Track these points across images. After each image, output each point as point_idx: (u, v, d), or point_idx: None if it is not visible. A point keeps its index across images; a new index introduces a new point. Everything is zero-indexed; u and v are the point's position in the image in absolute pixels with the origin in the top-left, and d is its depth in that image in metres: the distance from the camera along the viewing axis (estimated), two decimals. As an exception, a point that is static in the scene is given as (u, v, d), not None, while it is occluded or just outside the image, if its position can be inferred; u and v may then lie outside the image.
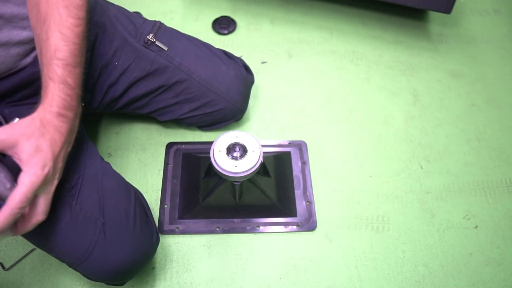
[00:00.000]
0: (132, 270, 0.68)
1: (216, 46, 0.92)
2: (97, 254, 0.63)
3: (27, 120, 0.51)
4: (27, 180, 0.48)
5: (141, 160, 0.93)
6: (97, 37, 0.76)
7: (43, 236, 0.62)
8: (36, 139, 0.50)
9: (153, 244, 0.72)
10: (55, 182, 0.54)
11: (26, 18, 0.61)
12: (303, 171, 0.92)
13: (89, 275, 0.66)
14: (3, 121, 0.63)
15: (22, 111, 0.66)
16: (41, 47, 0.56)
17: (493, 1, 1.31)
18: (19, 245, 0.82)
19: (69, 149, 0.57)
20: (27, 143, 0.49)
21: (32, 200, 0.50)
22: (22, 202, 0.47)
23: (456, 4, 1.05)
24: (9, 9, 0.58)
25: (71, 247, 0.62)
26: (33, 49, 0.65)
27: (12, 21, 0.59)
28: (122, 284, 0.72)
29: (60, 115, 0.54)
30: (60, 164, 0.54)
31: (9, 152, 0.49)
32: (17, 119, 0.65)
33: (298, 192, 0.89)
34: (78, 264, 0.64)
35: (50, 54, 0.54)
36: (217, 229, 0.84)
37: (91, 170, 0.67)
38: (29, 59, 0.65)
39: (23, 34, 0.62)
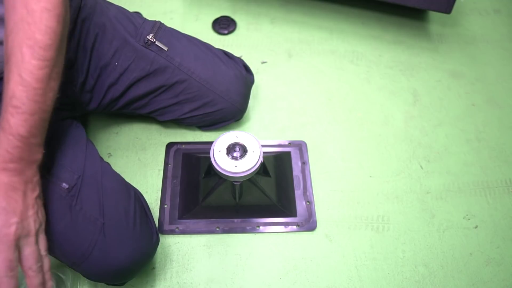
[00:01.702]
0: (132, 270, 0.68)
1: (216, 46, 0.92)
2: (97, 254, 0.63)
3: None
4: None
5: (141, 160, 0.93)
6: (97, 37, 0.76)
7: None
8: None
9: (153, 244, 0.72)
10: (33, 228, 0.52)
11: None
12: (303, 171, 0.92)
13: (89, 275, 0.66)
14: None
15: None
16: (3, 89, 0.51)
17: (493, 1, 1.31)
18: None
19: (37, 191, 0.54)
20: None
21: (18, 257, 0.49)
22: (7, 268, 0.47)
23: (456, 4, 1.05)
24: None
25: (71, 247, 0.62)
26: None
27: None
28: (122, 284, 0.72)
29: (5, 169, 0.50)
30: (31, 212, 0.52)
31: None
32: None
33: (298, 192, 0.89)
34: (78, 264, 0.64)
35: (6, 101, 0.50)
36: (217, 229, 0.84)
37: (91, 170, 0.67)
38: None
39: None
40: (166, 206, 0.86)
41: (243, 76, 0.90)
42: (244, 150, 0.71)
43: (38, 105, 0.51)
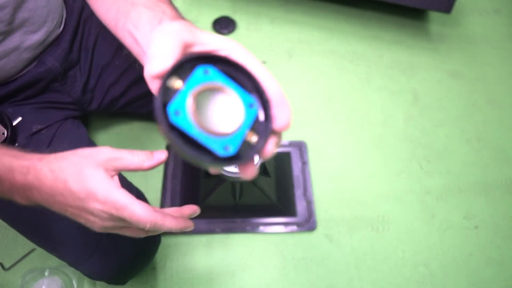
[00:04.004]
0: (133, 270, 0.68)
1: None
2: (98, 254, 0.63)
3: None
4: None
5: (141, 160, 0.93)
6: (98, 37, 0.76)
7: (45, 235, 0.62)
8: None
9: (154, 244, 0.72)
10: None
11: (37, 21, 0.61)
12: (303, 171, 0.92)
13: (90, 275, 0.67)
14: (7, 120, 0.63)
15: (25, 110, 0.67)
16: None
17: (493, 1, 1.31)
18: (19, 245, 0.82)
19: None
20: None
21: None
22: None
23: (456, 4, 1.05)
24: (21, 14, 0.58)
25: (73, 247, 0.63)
26: (42, 52, 0.65)
27: (24, 25, 0.59)
28: (123, 283, 0.72)
29: None
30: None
31: None
32: (20, 118, 0.65)
33: (298, 192, 0.89)
34: (80, 263, 0.64)
35: None
36: (217, 229, 0.84)
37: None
38: (36, 62, 0.65)
39: (34, 38, 0.62)
40: (166, 206, 0.86)
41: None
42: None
43: None
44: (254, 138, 0.32)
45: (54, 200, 0.44)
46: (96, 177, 0.42)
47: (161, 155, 0.45)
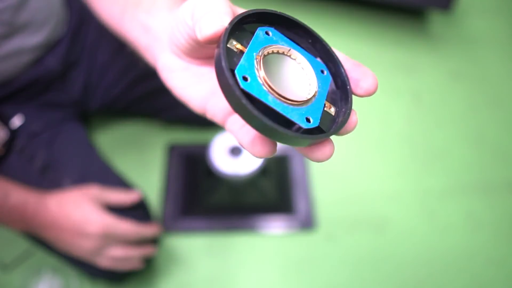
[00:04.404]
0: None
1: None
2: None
3: None
4: None
5: (141, 160, 0.93)
6: (98, 37, 0.76)
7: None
8: None
9: (153, 244, 0.72)
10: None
11: (38, 24, 0.61)
12: (303, 171, 0.92)
13: (90, 273, 0.67)
14: (6, 120, 0.63)
15: (25, 110, 0.67)
16: None
17: (493, 1, 1.31)
18: (19, 245, 0.82)
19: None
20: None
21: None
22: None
23: (457, 4, 1.05)
24: (22, 17, 0.58)
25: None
26: (44, 54, 0.65)
27: (25, 28, 0.59)
28: (123, 283, 0.73)
29: None
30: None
31: None
32: (20, 119, 0.65)
33: (298, 192, 0.89)
34: (80, 262, 0.64)
35: None
36: (217, 229, 0.84)
37: (92, 170, 0.68)
38: (36, 62, 0.65)
39: (35, 40, 0.61)
40: (166, 206, 0.86)
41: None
42: (244, 151, 0.71)
43: None
44: (332, 109, 0.28)
45: (54, 226, 0.56)
46: (90, 208, 0.58)
47: (135, 196, 0.66)
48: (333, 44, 0.30)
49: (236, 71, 0.23)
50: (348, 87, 0.27)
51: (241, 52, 0.25)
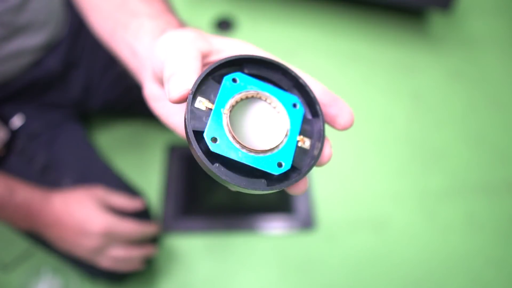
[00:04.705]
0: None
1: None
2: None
3: None
4: None
5: (141, 160, 0.93)
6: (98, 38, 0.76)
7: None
8: None
9: (153, 244, 0.72)
10: None
11: (38, 25, 0.61)
12: (303, 171, 0.92)
13: (91, 273, 0.67)
14: (7, 121, 0.63)
15: (25, 111, 0.67)
16: None
17: (493, 1, 1.31)
18: (19, 245, 0.82)
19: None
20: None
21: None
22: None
23: (457, 4, 1.05)
24: (22, 18, 0.58)
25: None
26: (44, 55, 0.65)
27: (25, 29, 0.59)
28: (123, 283, 0.73)
29: None
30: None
31: None
32: (20, 119, 0.65)
33: (298, 192, 0.89)
34: (80, 262, 0.64)
35: None
36: (217, 229, 0.84)
37: (92, 170, 0.68)
38: (36, 63, 0.65)
39: (35, 41, 0.61)
40: (166, 206, 0.86)
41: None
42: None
43: None
44: (306, 143, 0.28)
45: (57, 224, 0.57)
46: (94, 207, 0.58)
47: (139, 203, 0.67)
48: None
49: (205, 135, 0.24)
50: (318, 118, 0.27)
51: (210, 110, 0.25)
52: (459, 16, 1.26)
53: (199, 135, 0.25)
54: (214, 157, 0.25)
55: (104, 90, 0.80)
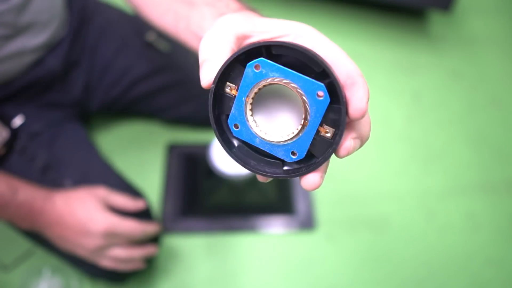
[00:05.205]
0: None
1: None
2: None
3: None
4: None
5: (141, 160, 0.93)
6: (99, 37, 0.76)
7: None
8: None
9: (154, 244, 0.72)
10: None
11: (40, 24, 0.61)
12: (303, 171, 0.92)
13: (91, 273, 0.67)
14: (7, 120, 0.63)
15: (25, 110, 0.67)
16: None
17: (493, 1, 1.31)
18: (19, 245, 0.82)
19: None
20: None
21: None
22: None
23: (457, 4, 1.05)
24: (25, 18, 0.58)
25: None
26: (45, 55, 0.65)
27: (27, 29, 0.59)
28: (124, 283, 0.73)
29: None
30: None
31: None
32: (21, 119, 0.65)
33: (298, 192, 0.89)
34: (80, 262, 0.64)
35: None
36: (217, 229, 0.84)
37: (93, 170, 0.68)
38: (37, 63, 0.65)
39: (37, 41, 0.61)
40: (166, 206, 0.86)
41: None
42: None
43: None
44: (328, 134, 0.26)
45: (59, 223, 0.57)
46: (96, 207, 0.58)
47: (141, 204, 0.66)
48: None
49: (228, 121, 0.27)
50: (342, 107, 0.26)
51: (235, 96, 0.27)
52: (459, 16, 1.26)
53: (219, 120, 0.27)
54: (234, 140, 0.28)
55: (105, 90, 0.80)
